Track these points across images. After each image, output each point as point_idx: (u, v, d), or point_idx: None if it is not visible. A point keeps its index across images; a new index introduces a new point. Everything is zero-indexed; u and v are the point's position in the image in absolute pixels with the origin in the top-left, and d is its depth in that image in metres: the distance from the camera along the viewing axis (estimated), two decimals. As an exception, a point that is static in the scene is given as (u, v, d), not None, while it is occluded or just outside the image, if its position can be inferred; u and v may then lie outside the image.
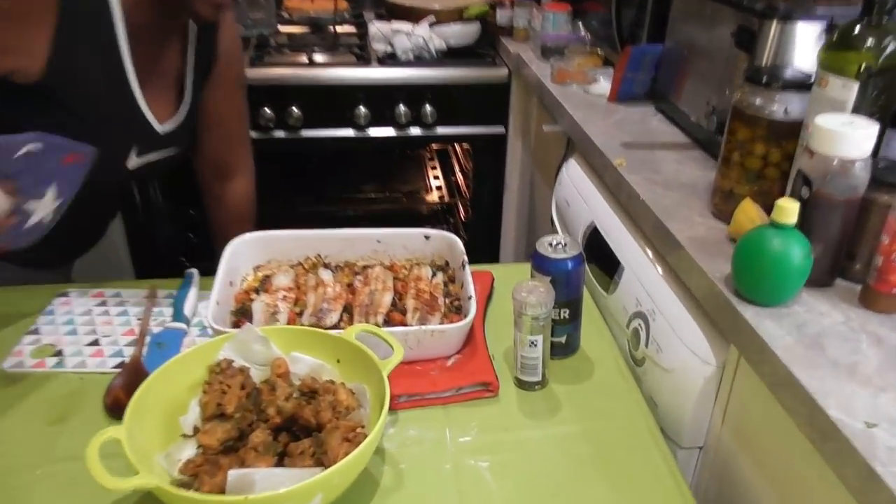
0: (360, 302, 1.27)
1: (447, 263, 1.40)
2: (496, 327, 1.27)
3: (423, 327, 1.15)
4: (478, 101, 2.29)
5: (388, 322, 1.24)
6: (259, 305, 1.25)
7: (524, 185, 2.39)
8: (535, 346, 1.12)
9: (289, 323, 1.22)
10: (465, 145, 2.54)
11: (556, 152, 1.92)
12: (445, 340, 1.18)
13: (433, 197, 2.78)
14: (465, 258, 1.33)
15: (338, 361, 1.05)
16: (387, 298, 1.27)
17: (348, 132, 2.25)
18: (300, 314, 1.25)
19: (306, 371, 1.04)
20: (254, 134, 2.16)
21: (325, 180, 2.59)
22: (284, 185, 2.45)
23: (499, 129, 2.35)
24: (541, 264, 1.15)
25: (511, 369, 1.20)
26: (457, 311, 1.27)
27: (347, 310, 1.27)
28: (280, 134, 2.20)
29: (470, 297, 1.22)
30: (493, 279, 1.42)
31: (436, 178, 2.89)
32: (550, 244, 1.17)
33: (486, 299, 1.37)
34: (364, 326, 1.06)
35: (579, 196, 1.56)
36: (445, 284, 1.35)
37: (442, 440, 1.06)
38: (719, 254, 1.07)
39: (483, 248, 2.47)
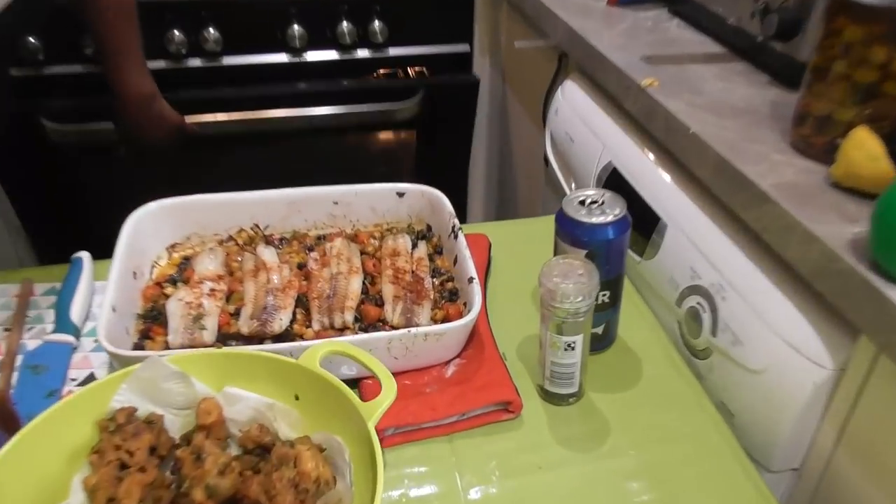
0: (318, 292, 0.92)
1: (429, 228, 1.06)
2: (500, 312, 0.95)
3: (413, 331, 0.81)
4: (437, 13, 1.89)
5: (359, 320, 0.90)
6: (176, 306, 0.89)
7: (495, 115, 2.02)
8: (573, 349, 0.80)
9: (220, 329, 0.87)
10: (421, 68, 2.14)
11: (540, 74, 1.57)
12: (444, 344, 0.85)
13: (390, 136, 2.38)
14: (457, 221, 0.99)
15: (296, 398, 0.71)
16: (355, 285, 0.93)
17: (280, 57, 1.83)
18: (235, 314, 0.90)
19: (249, 415, 0.70)
20: (161, 63, 1.73)
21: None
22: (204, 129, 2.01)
23: (462, 48, 1.96)
24: (573, 232, 0.82)
25: (531, 374, 0.89)
26: (451, 295, 0.94)
27: (302, 303, 0.92)
28: (195, 62, 1.77)
29: (472, 280, 0.89)
30: (490, 244, 1.09)
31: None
32: (582, 202, 0.84)
33: (485, 274, 1.04)
34: (332, 346, 0.72)
35: (587, 128, 1.22)
36: (431, 258, 1.01)
37: (451, 492, 0.75)
38: (826, 207, 0.76)
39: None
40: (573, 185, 1.28)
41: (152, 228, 0.98)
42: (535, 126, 1.65)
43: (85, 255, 1.01)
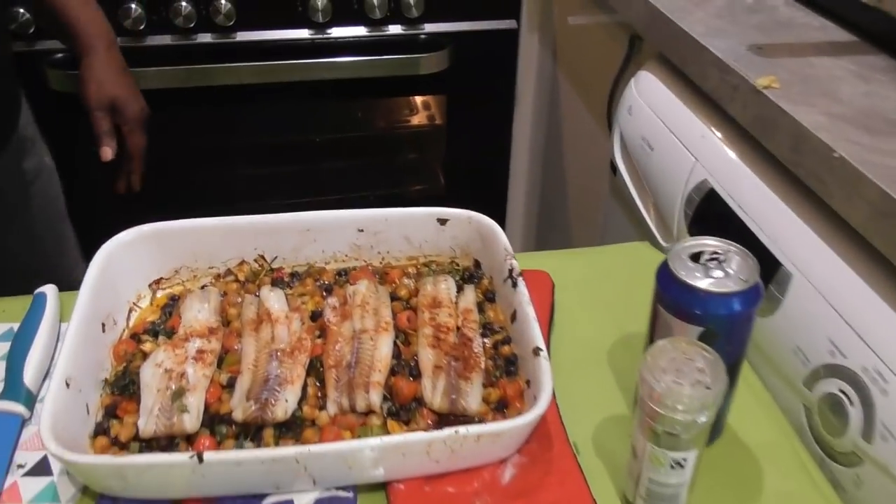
0: (336, 357, 0.71)
1: (478, 265, 0.84)
2: (568, 381, 0.73)
3: (463, 431, 0.60)
4: (479, -17, 1.65)
5: (388, 398, 0.69)
6: (152, 375, 0.68)
7: (543, 106, 1.77)
8: (681, 467, 0.58)
9: (208, 408, 0.67)
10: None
11: (604, 58, 1.32)
12: (502, 444, 0.64)
13: (419, 118, 2.13)
14: (515, 264, 0.77)
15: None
16: (384, 349, 0.72)
17: (301, 33, 1.60)
18: (229, 386, 0.69)
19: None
20: (166, 38, 1.51)
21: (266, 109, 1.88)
22: (207, 120, 1.78)
23: (507, 24, 1.71)
24: (684, 302, 0.60)
25: (613, 475, 0.68)
26: (508, 365, 0.72)
27: (315, 369, 0.71)
28: (205, 38, 1.55)
29: (538, 352, 0.67)
30: (553, 286, 0.87)
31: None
32: (695, 256, 0.62)
33: (548, 328, 0.82)
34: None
35: (672, 135, 0.98)
36: (480, 308, 0.79)
37: None
38: None
39: (474, 205, 1.86)
40: (651, 207, 1.05)
41: (130, 262, 0.78)
42: (598, 123, 1.41)
43: (49, 291, 0.81)
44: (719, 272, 0.60)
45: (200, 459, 0.56)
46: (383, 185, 1.92)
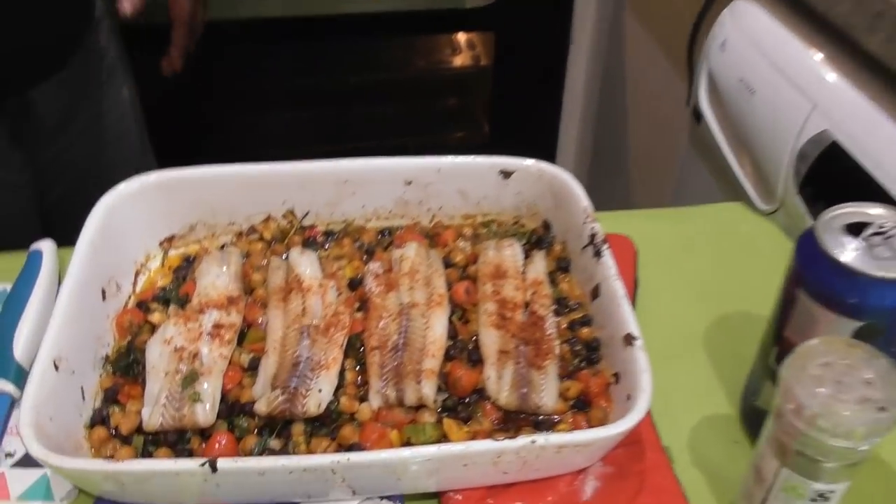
0: (380, 337, 0.59)
1: (547, 227, 0.70)
2: (656, 371, 0.59)
3: (542, 440, 0.48)
4: None
5: (443, 388, 0.56)
6: (160, 354, 0.57)
7: (602, 37, 1.58)
8: (825, 500, 0.45)
9: (226, 394, 0.55)
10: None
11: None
12: (587, 454, 0.51)
13: (463, 58, 1.95)
14: (598, 228, 0.63)
15: None
16: (438, 328, 0.59)
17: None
18: (252, 370, 0.57)
19: None
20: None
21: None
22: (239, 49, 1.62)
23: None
24: (841, 289, 0.46)
25: (715, 491, 0.55)
26: (590, 352, 0.59)
27: (353, 350, 0.59)
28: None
29: (632, 341, 0.54)
30: (636, 253, 0.73)
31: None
32: (852, 228, 0.47)
33: (632, 302, 0.68)
34: None
35: (781, 76, 0.82)
36: (552, 280, 0.65)
37: None
38: None
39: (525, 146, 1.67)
40: (747, 162, 0.89)
41: (136, 217, 0.66)
42: (674, 63, 1.24)
43: (46, 247, 0.70)
44: (886, 251, 0.46)
45: (214, 468, 0.45)
46: (420, 133, 1.77)
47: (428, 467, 0.48)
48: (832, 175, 0.74)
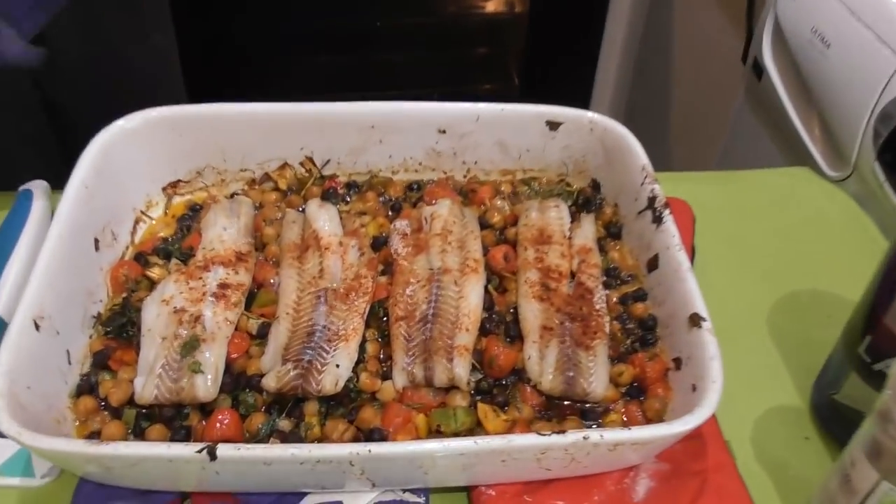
0: (406, 306, 0.52)
1: (596, 187, 0.62)
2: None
3: (595, 437, 0.41)
4: None
5: (478, 368, 0.49)
6: (156, 315, 0.50)
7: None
8: (936, 521, 0.38)
9: (230, 365, 0.49)
10: None
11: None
12: (643, 452, 0.44)
13: (497, 3, 1.84)
14: (658, 190, 0.55)
15: None
16: (473, 298, 0.52)
17: None
18: (260, 338, 0.51)
19: None
20: None
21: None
22: None
23: None
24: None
25: (781, 496, 0.48)
26: (646, 331, 0.52)
27: (376, 321, 0.52)
28: None
29: (699, 322, 0.46)
30: (694, 219, 0.65)
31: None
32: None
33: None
34: None
35: (865, 28, 0.72)
36: (602, 247, 0.58)
37: None
38: None
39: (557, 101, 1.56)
40: (816, 122, 0.80)
41: (136, 158, 0.58)
42: (728, 13, 1.13)
43: (37, 189, 0.63)
44: None
45: (213, 456, 0.38)
46: (446, 84, 1.68)
47: (461, 462, 0.41)
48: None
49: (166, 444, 0.40)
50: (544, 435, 0.40)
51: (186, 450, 0.39)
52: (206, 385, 0.46)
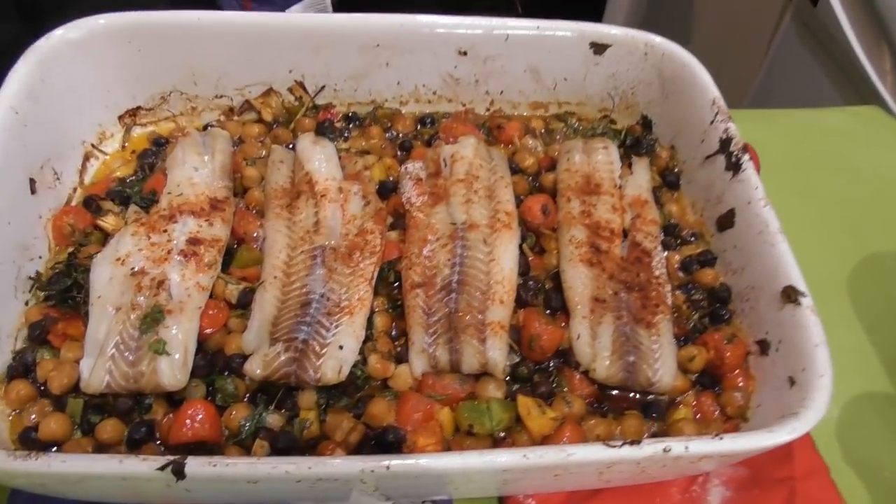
0: (424, 270, 0.41)
1: (648, 125, 0.52)
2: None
3: (676, 448, 0.31)
4: None
5: (514, 348, 0.40)
6: (107, 277, 0.39)
7: None
8: None
9: (204, 343, 0.39)
10: None
11: None
12: (724, 461, 0.35)
13: None
14: (734, 129, 0.45)
15: None
16: (507, 261, 0.42)
17: None
18: (239, 308, 0.41)
19: None
20: None
21: None
22: None
23: None
24: None
25: (874, 495, 0.40)
26: (718, 304, 0.43)
27: (386, 286, 0.42)
28: None
29: (796, 297, 0.37)
30: (759, 166, 0.55)
31: None
32: None
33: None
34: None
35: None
36: (657, 199, 0.48)
37: None
38: None
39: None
40: (887, 54, 0.69)
41: (84, 77, 0.47)
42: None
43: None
44: None
45: (180, 475, 0.29)
46: (439, 4, 1.52)
47: (503, 477, 0.32)
48: None
49: (117, 459, 0.30)
50: (613, 447, 0.31)
51: (143, 466, 0.29)
52: (172, 370, 0.36)
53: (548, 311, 0.42)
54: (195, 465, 0.29)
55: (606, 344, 0.39)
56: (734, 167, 0.44)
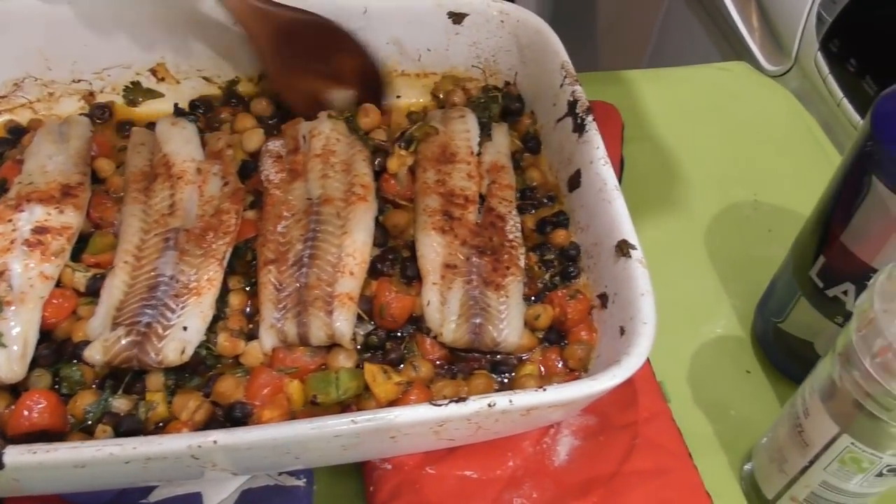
0: (277, 247, 0.42)
1: (511, 91, 0.53)
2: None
3: (501, 403, 0.33)
4: None
5: (366, 319, 0.41)
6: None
7: None
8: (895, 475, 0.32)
9: (50, 331, 0.38)
10: None
11: None
12: (563, 412, 0.37)
13: None
14: (580, 92, 0.46)
15: None
16: (359, 233, 0.42)
17: None
18: (89, 296, 0.40)
19: None
20: None
21: None
22: None
23: None
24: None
25: (722, 442, 0.43)
26: (567, 263, 0.44)
27: (242, 265, 0.42)
28: None
29: (627, 250, 0.38)
30: (623, 124, 0.57)
31: None
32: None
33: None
34: None
35: None
36: (518, 164, 0.49)
37: None
38: None
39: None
40: (754, 11, 0.71)
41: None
42: None
43: None
44: None
45: None
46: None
47: (339, 443, 0.33)
48: (865, 27, 0.58)
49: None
50: (439, 405, 0.32)
51: (-39, 459, 0.29)
52: (9, 363, 0.36)
53: (404, 280, 0.43)
54: (14, 454, 0.29)
55: (455, 308, 0.40)
56: (580, 128, 0.45)
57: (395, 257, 0.43)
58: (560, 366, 0.40)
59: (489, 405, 0.33)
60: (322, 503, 0.39)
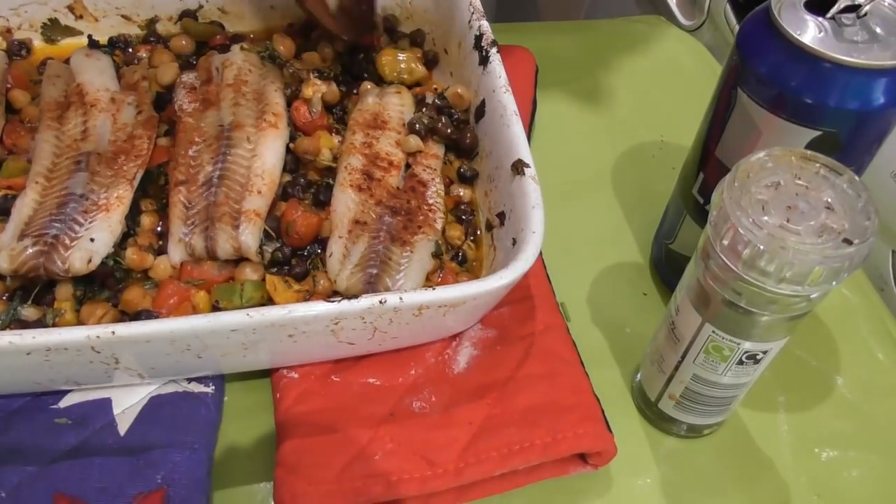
0: (189, 169, 0.43)
1: (420, 37, 0.55)
2: (551, 207, 0.45)
3: (391, 300, 0.35)
4: None
5: (275, 236, 0.42)
6: None
7: None
8: (755, 363, 0.35)
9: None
10: None
11: None
12: (458, 316, 0.39)
13: None
14: (486, 25, 0.48)
15: None
16: (268, 156, 0.44)
17: None
18: (2, 217, 0.41)
19: None
20: None
21: None
22: None
23: None
24: (799, 83, 0.33)
25: (617, 352, 0.46)
26: (466, 179, 0.46)
27: (155, 188, 0.44)
28: None
29: (521, 169, 0.41)
30: (537, 68, 0.59)
31: None
32: (811, 3, 0.34)
33: (529, 129, 0.55)
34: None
35: None
36: (435, 109, 0.51)
37: None
38: None
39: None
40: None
41: None
42: None
43: None
44: (859, 31, 0.33)
45: None
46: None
47: (238, 341, 0.35)
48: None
49: None
50: (333, 301, 0.34)
51: None
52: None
53: (314, 205, 0.44)
54: None
55: (355, 260, 0.41)
56: (484, 60, 0.47)
57: (306, 182, 0.45)
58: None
59: (380, 301, 0.35)
60: (233, 414, 0.41)
